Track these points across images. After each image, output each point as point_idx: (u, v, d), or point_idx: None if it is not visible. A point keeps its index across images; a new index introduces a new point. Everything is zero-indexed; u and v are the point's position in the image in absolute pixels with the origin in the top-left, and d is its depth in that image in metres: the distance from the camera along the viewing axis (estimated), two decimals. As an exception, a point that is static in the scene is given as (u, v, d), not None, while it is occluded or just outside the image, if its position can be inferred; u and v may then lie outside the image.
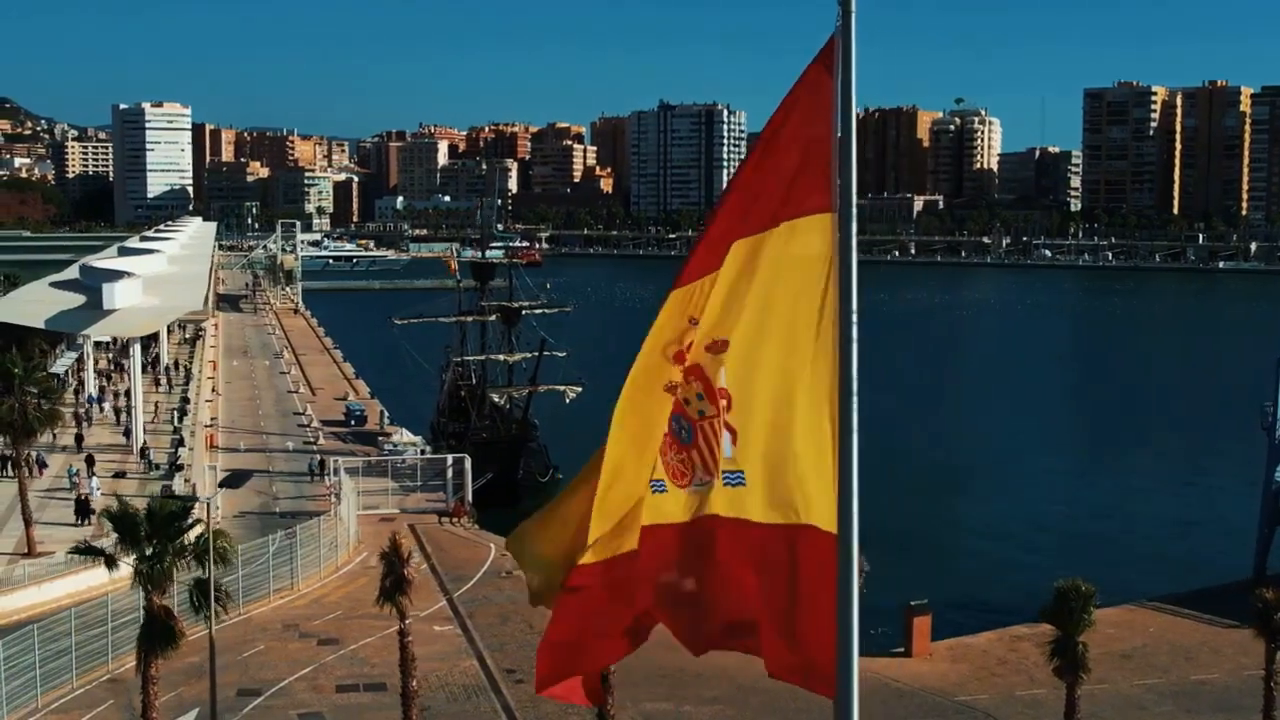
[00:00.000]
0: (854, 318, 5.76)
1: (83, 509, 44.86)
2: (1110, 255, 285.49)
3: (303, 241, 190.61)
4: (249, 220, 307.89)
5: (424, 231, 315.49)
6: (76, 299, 56.56)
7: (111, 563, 24.84)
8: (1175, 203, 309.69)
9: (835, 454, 5.89)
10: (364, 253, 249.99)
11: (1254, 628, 28.91)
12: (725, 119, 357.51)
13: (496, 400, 65.27)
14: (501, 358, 67.99)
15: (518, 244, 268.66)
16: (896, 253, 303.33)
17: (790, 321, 6.02)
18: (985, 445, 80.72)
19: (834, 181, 5.85)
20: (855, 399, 5.78)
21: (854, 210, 5.80)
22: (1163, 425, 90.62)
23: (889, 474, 67.93)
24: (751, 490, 6.20)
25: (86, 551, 26.55)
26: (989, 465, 74.57)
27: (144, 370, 75.61)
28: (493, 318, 70.28)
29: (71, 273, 74.12)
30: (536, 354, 64.57)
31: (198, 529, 24.68)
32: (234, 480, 30.61)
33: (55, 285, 66.44)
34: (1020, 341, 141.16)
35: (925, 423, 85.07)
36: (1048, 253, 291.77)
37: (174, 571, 24.57)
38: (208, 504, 24.96)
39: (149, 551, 23.90)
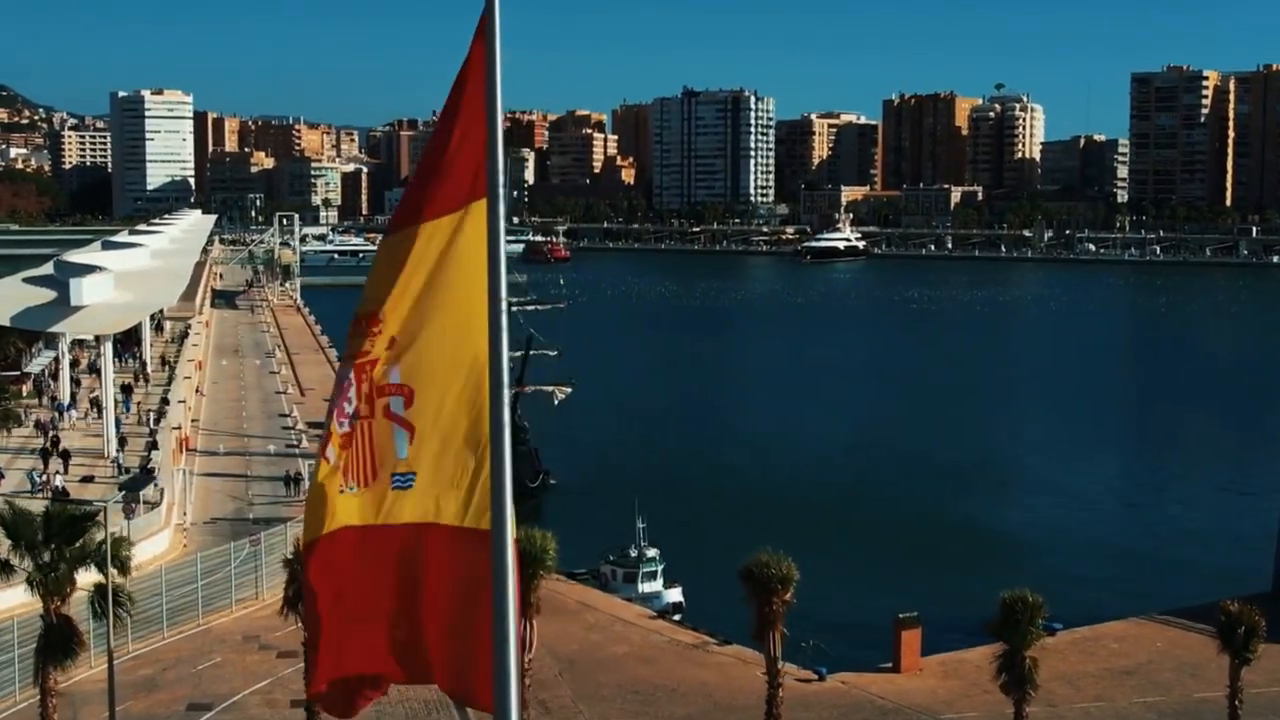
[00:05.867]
0: (503, 306, 5.69)
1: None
2: (1158, 249, 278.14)
3: (307, 236, 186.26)
4: (252, 213, 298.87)
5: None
6: (47, 295, 54.99)
7: (6, 568, 23.72)
8: (1228, 194, 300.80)
9: (488, 450, 5.78)
10: (370, 247, 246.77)
11: (1216, 643, 26.82)
12: (753, 106, 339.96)
13: None
14: None
15: (533, 238, 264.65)
16: (932, 246, 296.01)
17: (463, 312, 5.94)
18: (1000, 449, 78.13)
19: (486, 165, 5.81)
20: (506, 391, 5.74)
21: (500, 194, 5.75)
22: (1191, 429, 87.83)
23: (889, 477, 65.76)
24: (418, 492, 6.03)
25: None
26: (1002, 469, 71.94)
27: (127, 368, 74.87)
28: None
29: (47, 268, 72.79)
30: (523, 353, 63.11)
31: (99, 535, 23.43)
32: (135, 484, 29.31)
33: (28, 280, 64.91)
34: (1053, 342, 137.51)
35: (939, 424, 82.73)
36: (1091, 247, 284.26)
37: (74, 578, 23.34)
38: (104, 509, 23.72)
39: (46, 558, 22.71)
